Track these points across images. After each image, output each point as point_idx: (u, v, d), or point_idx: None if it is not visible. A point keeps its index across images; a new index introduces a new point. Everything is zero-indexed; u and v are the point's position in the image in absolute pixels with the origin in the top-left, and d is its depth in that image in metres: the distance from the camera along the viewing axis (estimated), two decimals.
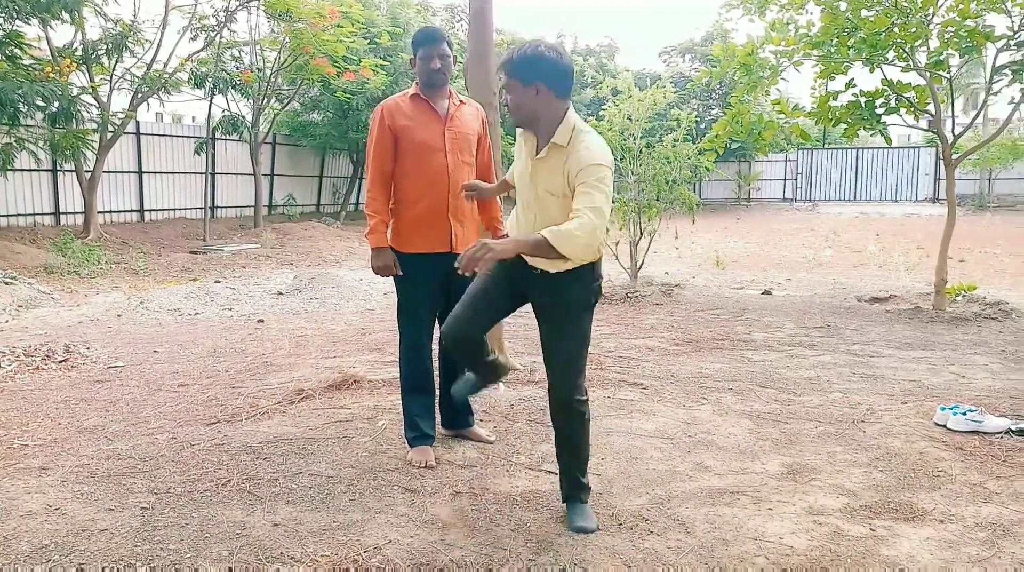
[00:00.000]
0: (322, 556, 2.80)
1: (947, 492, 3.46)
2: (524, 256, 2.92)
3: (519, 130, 3.06)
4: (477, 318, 3.15)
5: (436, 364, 4.04)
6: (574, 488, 3.18)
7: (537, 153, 2.94)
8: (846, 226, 21.72)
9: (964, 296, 8.48)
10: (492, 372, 3.28)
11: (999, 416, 4.45)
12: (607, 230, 2.96)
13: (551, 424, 3.21)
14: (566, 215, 2.80)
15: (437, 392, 4.05)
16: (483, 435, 4.13)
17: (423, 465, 3.71)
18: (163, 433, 4.26)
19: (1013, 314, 7.82)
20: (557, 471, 3.27)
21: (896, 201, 30.46)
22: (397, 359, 4.02)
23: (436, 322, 3.92)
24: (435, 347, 3.81)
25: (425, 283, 3.81)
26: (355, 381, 5.24)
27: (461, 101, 3.94)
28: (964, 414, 4.34)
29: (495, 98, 5.45)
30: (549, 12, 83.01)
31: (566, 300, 3.03)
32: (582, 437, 3.16)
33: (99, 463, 3.74)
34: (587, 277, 3.01)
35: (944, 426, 4.35)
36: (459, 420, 4.14)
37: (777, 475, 3.67)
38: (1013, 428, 4.26)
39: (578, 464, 3.19)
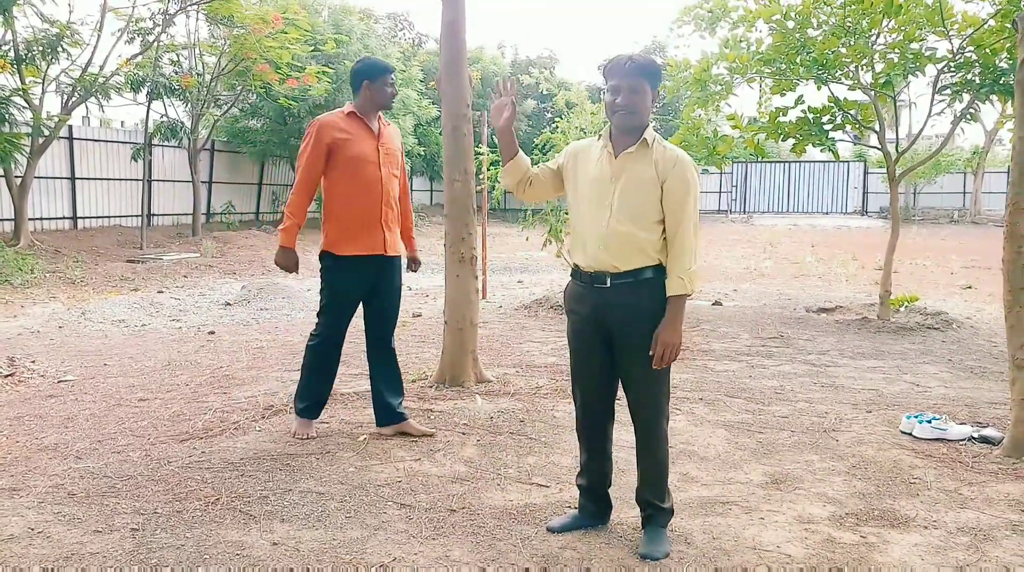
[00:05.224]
0: None
1: (926, 499, 3.59)
2: (591, 270, 3.02)
3: (584, 141, 3.17)
4: (604, 402, 3.19)
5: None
6: (652, 512, 3.10)
7: (622, 150, 2.99)
8: (781, 237, 22.33)
9: (906, 307, 8.80)
10: (600, 495, 3.25)
11: (960, 424, 4.63)
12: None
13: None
14: (650, 205, 2.94)
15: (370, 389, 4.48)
16: (421, 429, 4.40)
17: (305, 437, 4.25)
18: (134, 450, 4.12)
19: (953, 324, 8.15)
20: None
21: (826, 213, 31.49)
22: (307, 346, 4.38)
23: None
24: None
25: (356, 283, 4.22)
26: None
27: (387, 122, 4.41)
28: (929, 422, 4.50)
29: (468, 109, 5.45)
30: (486, 19, 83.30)
31: (644, 314, 2.96)
32: (664, 462, 3.10)
33: (74, 483, 3.60)
34: (659, 288, 2.95)
35: (910, 434, 4.51)
36: (394, 416, 4.39)
37: (762, 484, 3.75)
38: (975, 435, 4.44)
39: (657, 489, 3.10)
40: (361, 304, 4.34)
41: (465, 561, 2.90)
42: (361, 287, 4.24)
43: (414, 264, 4.69)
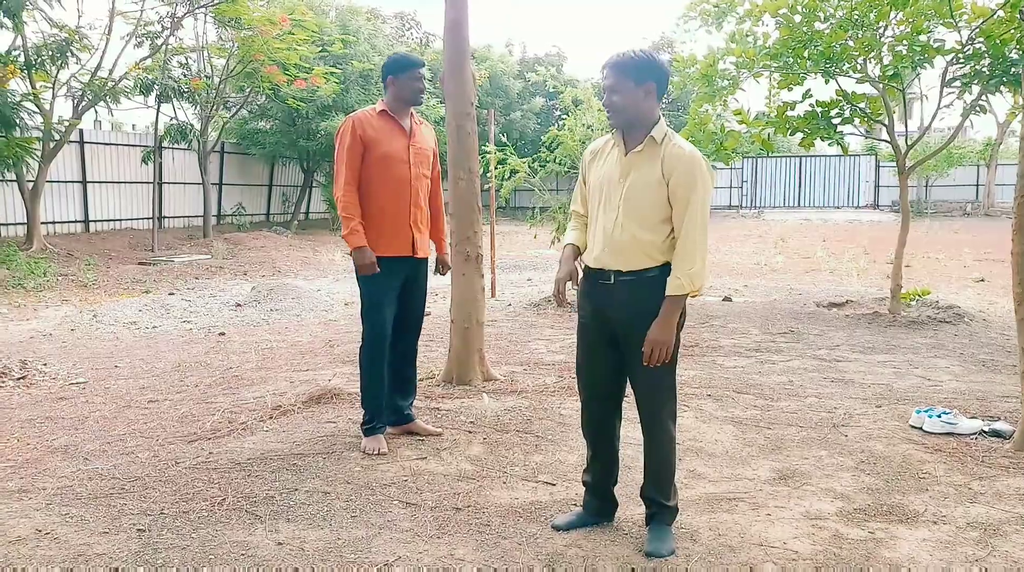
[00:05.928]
0: None
1: (935, 493, 3.56)
2: (597, 267, 3.01)
3: (600, 141, 3.16)
4: (609, 399, 3.18)
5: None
6: (657, 509, 3.08)
7: (631, 149, 2.96)
8: (792, 232, 22.22)
9: (918, 301, 8.73)
10: (605, 492, 3.25)
11: (971, 418, 4.59)
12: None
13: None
14: (657, 205, 2.90)
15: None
16: (429, 428, 4.37)
17: (376, 452, 4.00)
18: (143, 451, 4.14)
19: (965, 318, 8.09)
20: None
21: (838, 207, 31.31)
22: (359, 352, 4.26)
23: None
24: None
25: (389, 282, 4.12)
26: (335, 395, 5.18)
27: (420, 121, 4.35)
28: (939, 416, 4.47)
29: (473, 108, 5.44)
30: (494, 18, 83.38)
31: (648, 313, 2.91)
32: (669, 460, 3.08)
33: (82, 484, 3.62)
34: (664, 287, 2.90)
35: (920, 428, 4.47)
36: (403, 417, 4.35)
37: (770, 480, 3.73)
38: (986, 429, 4.40)
39: (662, 487, 3.08)
40: None
41: (470, 560, 2.90)
42: (392, 285, 4.14)
43: (443, 266, 4.59)
